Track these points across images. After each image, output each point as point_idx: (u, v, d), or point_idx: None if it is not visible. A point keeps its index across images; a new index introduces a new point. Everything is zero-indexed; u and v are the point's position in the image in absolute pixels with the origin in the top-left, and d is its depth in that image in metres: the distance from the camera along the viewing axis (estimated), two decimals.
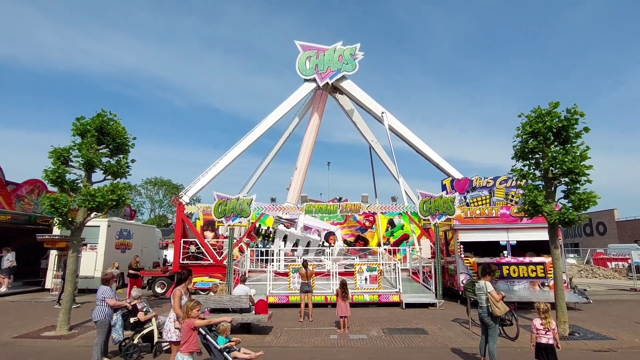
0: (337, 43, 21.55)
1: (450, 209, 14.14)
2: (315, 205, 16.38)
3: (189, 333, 4.97)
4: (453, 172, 20.00)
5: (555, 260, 10.11)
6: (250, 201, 14.54)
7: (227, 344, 5.43)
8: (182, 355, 4.84)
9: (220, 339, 5.35)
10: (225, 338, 5.51)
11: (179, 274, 6.49)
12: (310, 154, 22.67)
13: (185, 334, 4.96)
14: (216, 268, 15.98)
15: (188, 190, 18.72)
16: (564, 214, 9.58)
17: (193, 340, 4.99)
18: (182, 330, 5.00)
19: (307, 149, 22.47)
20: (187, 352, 4.87)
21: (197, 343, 5.07)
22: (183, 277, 6.47)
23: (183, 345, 4.92)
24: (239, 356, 5.47)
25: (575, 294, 13.06)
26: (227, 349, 5.34)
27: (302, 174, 22.05)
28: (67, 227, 10.13)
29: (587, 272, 25.52)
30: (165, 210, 61.44)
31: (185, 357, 4.82)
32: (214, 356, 5.35)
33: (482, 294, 6.88)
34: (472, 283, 12.57)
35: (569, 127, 9.73)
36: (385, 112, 21.55)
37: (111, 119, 10.64)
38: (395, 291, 13.54)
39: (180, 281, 6.42)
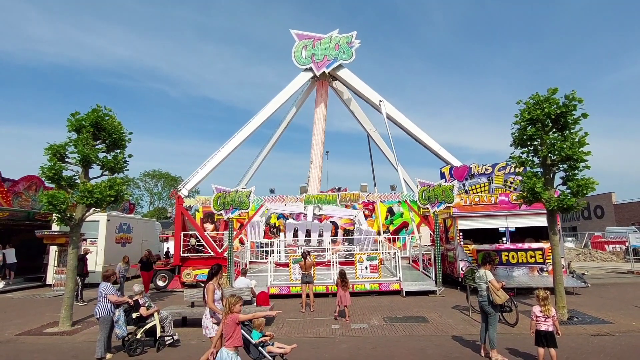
0: (333, 31, 21.32)
1: (449, 197, 14.15)
2: (315, 195, 16.38)
3: (233, 328, 4.87)
4: (451, 159, 20.00)
5: (554, 246, 10.17)
6: (249, 193, 14.53)
7: (262, 339, 5.44)
8: (228, 350, 4.74)
9: (255, 334, 5.33)
10: (259, 332, 5.52)
11: (210, 269, 6.32)
12: (323, 144, 22.73)
13: (229, 329, 4.86)
14: (217, 260, 16.01)
15: (187, 183, 18.68)
16: (563, 201, 9.60)
17: (237, 335, 4.91)
18: (225, 325, 4.89)
19: (319, 140, 22.51)
20: (232, 347, 4.77)
21: (241, 338, 5.00)
22: (214, 271, 6.31)
23: (228, 341, 4.83)
24: (274, 350, 5.45)
25: (573, 279, 13.17)
26: (262, 343, 5.34)
27: (318, 166, 22.17)
28: (65, 223, 10.11)
29: (585, 255, 25.74)
30: (164, 202, 61.48)
31: (231, 352, 4.72)
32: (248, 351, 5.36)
33: (482, 283, 6.93)
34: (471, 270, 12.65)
35: (567, 114, 9.70)
36: (382, 101, 21.45)
37: (107, 114, 10.54)
38: (395, 279, 13.64)
39: (212, 276, 6.24)
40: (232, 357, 4.69)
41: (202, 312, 9.46)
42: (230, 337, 4.85)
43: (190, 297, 9.76)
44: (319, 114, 22.78)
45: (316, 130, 22.67)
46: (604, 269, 20.45)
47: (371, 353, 7.21)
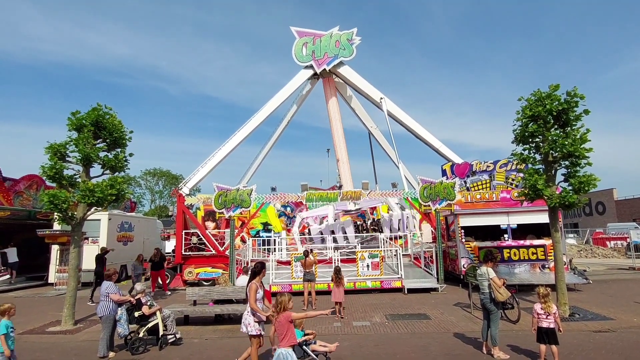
0: (333, 28, 21.26)
1: (450, 194, 14.14)
2: (316, 193, 16.37)
3: (287, 326, 4.82)
4: (453, 156, 19.96)
5: (555, 243, 10.16)
6: (251, 191, 14.53)
7: (305, 337, 5.42)
8: (285, 349, 4.69)
9: (297, 333, 5.33)
10: (301, 331, 5.50)
11: (253, 267, 6.19)
12: (344, 141, 22.82)
13: (283, 328, 4.81)
14: (218, 258, 16.06)
15: (188, 182, 18.68)
16: (564, 197, 9.58)
17: (292, 333, 4.87)
18: (278, 324, 4.83)
19: (340, 138, 22.62)
20: (288, 346, 4.74)
21: (295, 336, 4.96)
22: (257, 270, 6.12)
23: (283, 340, 4.78)
24: (317, 349, 5.43)
25: (575, 275, 13.17)
26: (305, 342, 5.32)
27: (346, 162, 22.28)
28: (67, 222, 10.13)
29: (587, 252, 25.73)
30: (165, 201, 61.54)
31: (289, 351, 4.70)
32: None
33: (484, 280, 6.92)
34: (473, 268, 12.66)
35: (569, 110, 9.66)
36: (383, 98, 21.39)
37: (107, 112, 10.54)
38: (397, 277, 13.64)
39: (255, 274, 6.07)
40: (290, 356, 4.66)
41: (204, 311, 9.57)
42: (284, 336, 4.80)
43: (192, 296, 9.78)
44: (333, 109, 22.86)
45: (335, 128, 22.74)
46: (605, 265, 20.45)
47: (373, 350, 7.22)
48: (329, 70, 21.44)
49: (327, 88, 23.04)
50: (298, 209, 22.89)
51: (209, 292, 9.92)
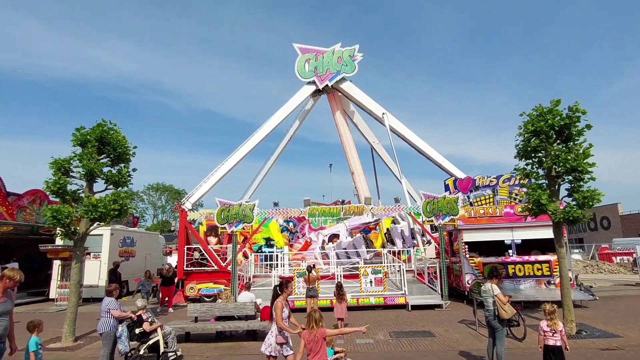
0: (335, 45, 21.55)
1: (453, 209, 14.08)
2: (319, 208, 16.34)
3: (320, 343, 4.76)
4: (455, 171, 19.94)
5: (560, 259, 10.05)
6: (253, 206, 14.53)
7: (336, 356, 5.32)
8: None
9: (328, 351, 5.25)
10: (331, 349, 5.41)
11: (278, 284, 6.03)
12: (357, 153, 22.95)
13: (316, 345, 4.74)
14: (220, 274, 15.95)
15: (190, 197, 18.70)
16: (569, 213, 9.52)
17: (324, 350, 4.80)
18: (312, 341, 4.75)
19: (352, 151, 22.77)
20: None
21: (327, 353, 4.88)
22: (282, 287, 5.96)
23: (315, 357, 4.71)
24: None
25: (581, 292, 12.99)
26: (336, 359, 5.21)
27: (361, 175, 22.34)
28: (69, 237, 10.12)
29: (593, 267, 25.43)
30: (168, 215, 61.57)
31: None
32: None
33: (488, 297, 6.82)
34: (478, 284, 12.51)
35: (571, 125, 9.68)
36: (385, 113, 21.53)
37: (111, 128, 10.63)
38: (400, 293, 13.48)
39: (277, 293, 5.92)
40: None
41: (205, 328, 9.46)
42: (317, 353, 4.74)
43: (193, 312, 9.68)
44: (341, 123, 23.02)
45: (345, 142, 22.87)
46: (611, 281, 20.18)
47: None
48: (332, 86, 21.66)
49: (332, 103, 23.26)
50: (300, 224, 22.82)
51: (210, 309, 9.82)
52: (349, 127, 23.60)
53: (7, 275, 5.12)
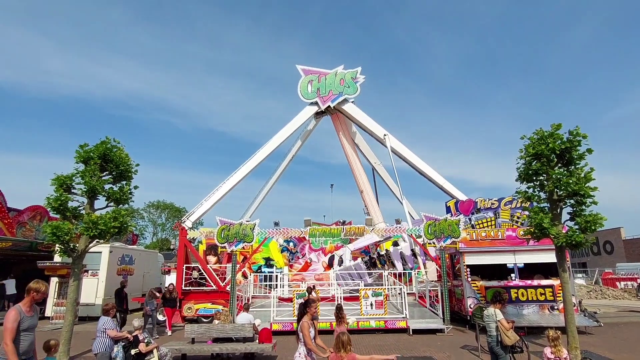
0: (338, 67, 21.90)
1: (455, 231, 14.00)
2: (319, 229, 16.26)
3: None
4: (457, 193, 19.93)
5: (564, 283, 9.91)
6: (254, 226, 14.47)
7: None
8: None
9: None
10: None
11: (303, 302, 5.91)
12: (364, 172, 23.08)
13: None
14: (219, 294, 15.75)
15: (191, 215, 18.66)
16: (571, 237, 9.45)
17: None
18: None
19: (359, 170, 22.89)
20: None
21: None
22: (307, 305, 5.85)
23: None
24: None
25: (585, 317, 12.76)
26: None
27: (370, 193, 22.30)
28: (68, 255, 10.04)
29: (596, 292, 25.05)
30: (167, 234, 61.27)
31: None
32: None
33: (491, 322, 6.71)
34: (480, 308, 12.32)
35: (572, 149, 9.71)
36: (387, 134, 21.68)
37: (115, 146, 10.68)
38: (401, 317, 13.26)
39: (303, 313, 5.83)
40: None
41: (202, 349, 9.27)
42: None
43: (190, 333, 9.50)
44: (346, 143, 23.22)
45: (352, 162, 23.01)
46: (616, 307, 19.84)
47: None
48: (334, 107, 21.90)
49: (336, 123, 23.52)
50: (301, 244, 22.68)
51: (208, 330, 9.65)
52: (355, 147, 23.79)
53: (34, 288, 4.99)
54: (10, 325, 4.65)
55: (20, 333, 4.68)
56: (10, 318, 4.68)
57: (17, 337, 4.63)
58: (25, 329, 4.79)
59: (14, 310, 4.77)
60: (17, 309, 4.76)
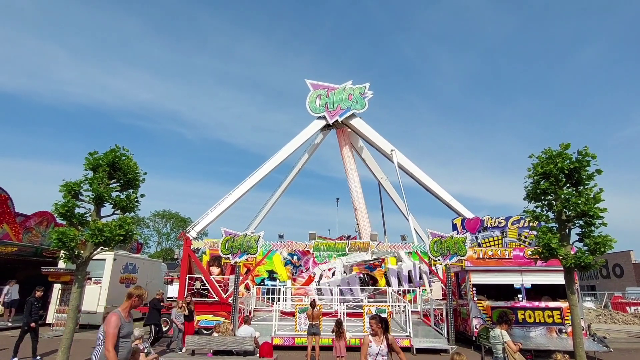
0: (346, 82, 22.07)
1: (461, 249, 13.83)
2: (324, 242, 16.17)
3: None
4: (464, 211, 19.76)
5: (572, 306, 9.70)
6: (258, 238, 14.42)
7: None
8: None
9: None
10: None
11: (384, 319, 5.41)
12: (361, 190, 23.02)
13: None
14: (221, 306, 15.59)
15: (196, 225, 18.67)
16: (580, 258, 9.29)
17: None
18: None
19: (357, 187, 22.85)
20: None
21: None
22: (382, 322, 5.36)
23: None
24: None
25: (594, 342, 12.43)
26: None
27: (363, 211, 22.23)
28: (72, 261, 10.04)
29: (606, 317, 24.46)
30: (172, 243, 61.25)
31: None
32: None
33: (497, 344, 6.55)
34: (486, 329, 12.08)
35: (580, 169, 9.62)
36: (394, 150, 21.68)
37: (123, 154, 10.77)
38: (405, 335, 13.01)
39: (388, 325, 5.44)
40: None
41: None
42: None
43: (190, 345, 9.41)
44: (348, 159, 23.21)
45: (351, 177, 22.97)
46: (626, 332, 19.32)
47: None
48: (341, 121, 22.00)
49: (340, 138, 23.56)
50: (305, 258, 22.51)
51: (208, 342, 9.55)
52: (355, 163, 23.74)
53: (136, 293, 4.82)
54: (112, 330, 4.46)
55: (120, 339, 4.52)
56: (112, 323, 4.50)
57: (117, 343, 4.45)
58: (124, 336, 4.64)
59: (115, 315, 4.59)
60: (118, 314, 4.56)
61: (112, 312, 4.65)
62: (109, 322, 4.45)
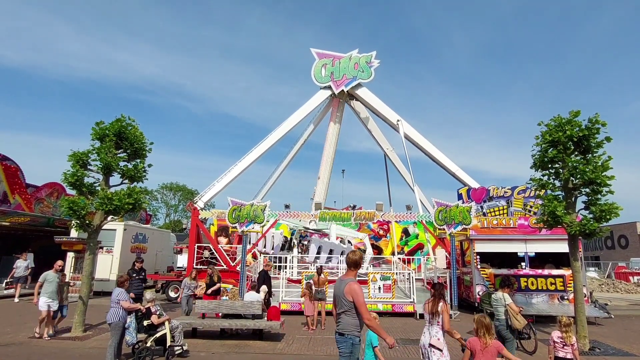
0: (352, 51, 21.63)
1: (466, 218, 13.90)
2: (329, 212, 16.33)
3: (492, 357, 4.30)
4: (469, 181, 19.74)
5: (575, 272, 9.81)
6: (264, 207, 14.58)
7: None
8: None
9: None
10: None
11: (439, 284, 5.68)
12: (332, 162, 22.96)
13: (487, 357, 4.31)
14: (229, 274, 16.01)
15: (203, 196, 18.90)
16: (585, 225, 9.32)
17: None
18: (485, 353, 4.34)
19: (329, 158, 22.80)
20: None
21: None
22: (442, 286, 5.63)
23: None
24: None
25: (595, 308, 12.65)
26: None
27: (325, 182, 22.28)
28: (84, 229, 10.29)
29: (609, 286, 24.75)
30: (180, 215, 62.17)
31: None
32: None
33: (499, 306, 6.71)
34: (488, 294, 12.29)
35: (590, 137, 9.50)
36: (400, 120, 21.48)
37: (129, 124, 10.82)
38: (409, 301, 13.33)
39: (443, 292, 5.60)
40: None
41: (212, 324, 9.46)
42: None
43: (201, 308, 9.72)
44: (331, 132, 23.31)
45: (327, 148, 23.11)
46: (628, 300, 19.59)
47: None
48: (347, 91, 21.72)
49: (333, 112, 23.44)
50: None
51: (218, 306, 9.86)
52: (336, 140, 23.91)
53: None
54: (364, 299, 4.28)
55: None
56: (361, 291, 4.25)
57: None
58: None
59: (358, 284, 4.32)
60: (358, 284, 4.35)
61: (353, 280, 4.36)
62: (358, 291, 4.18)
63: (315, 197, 22.14)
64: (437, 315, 5.32)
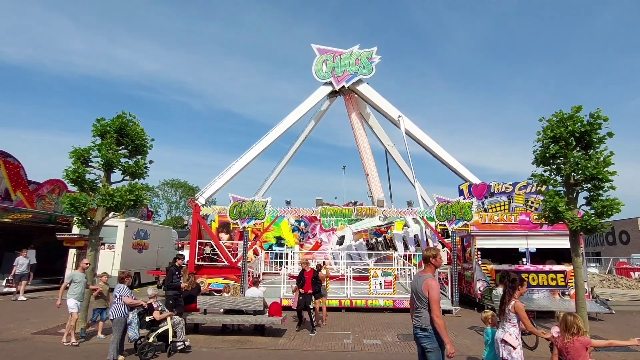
0: (354, 46, 21.51)
1: (467, 214, 13.90)
2: (330, 209, 16.31)
3: (581, 354, 4.17)
4: (470, 177, 19.68)
5: (576, 268, 9.82)
6: (265, 203, 14.58)
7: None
8: None
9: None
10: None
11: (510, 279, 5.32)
12: (372, 155, 22.91)
13: (577, 355, 4.18)
14: (230, 270, 16.03)
15: (204, 192, 18.89)
16: (586, 221, 9.31)
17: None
18: (572, 350, 4.22)
19: (367, 153, 22.73)
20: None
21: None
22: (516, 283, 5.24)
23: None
24: None
25: (597, 304, 12.66)
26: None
27: (375, 177, 22.24)
28: (86, 226, 10.32)
29: (610, 281, 24.76)
30: (181, 211, 62.27)
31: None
32: None
33: None
34: (489, 290, 12.33)
35: (591, 132, 9.48)
36: (401, 116, 21.40)
37: (130, 120, 10.82)
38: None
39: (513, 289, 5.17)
40: None
41: (214, 320, 9.50)
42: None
43: (203, 305, 9.76)
44: (356, 125, 23.02)
45: (360, 143, 22.84)
46: (629, 296, 19.59)
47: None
48: (348, 87, 21.64)
49: (349, 104, 23.22)
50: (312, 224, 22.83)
51: (220, 302, 9.90)
52: (364, 129, 23.54)
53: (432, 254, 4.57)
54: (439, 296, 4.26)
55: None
56: (438, 288, 4.27)
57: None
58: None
59: (435, 280, 4.38)
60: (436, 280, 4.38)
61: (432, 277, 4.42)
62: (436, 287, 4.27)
63: (374, 194, 22.02)
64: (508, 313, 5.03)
